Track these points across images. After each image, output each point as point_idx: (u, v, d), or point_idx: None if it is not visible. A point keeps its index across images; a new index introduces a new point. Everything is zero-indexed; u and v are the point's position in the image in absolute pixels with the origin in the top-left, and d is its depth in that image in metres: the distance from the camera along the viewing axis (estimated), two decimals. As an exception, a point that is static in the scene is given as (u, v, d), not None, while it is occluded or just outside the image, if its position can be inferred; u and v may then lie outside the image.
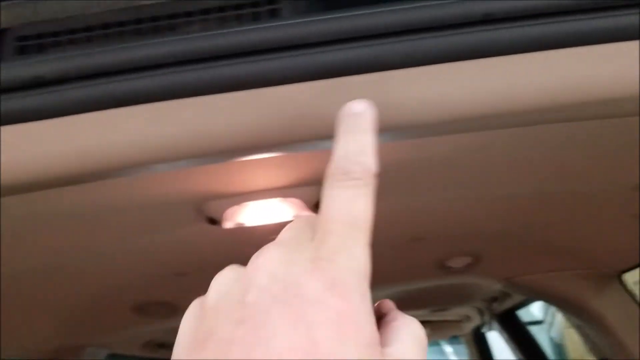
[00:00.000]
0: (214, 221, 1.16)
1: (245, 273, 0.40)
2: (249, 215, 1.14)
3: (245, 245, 1.49)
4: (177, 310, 1.93)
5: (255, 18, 0.53)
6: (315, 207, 1.15)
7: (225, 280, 0.41)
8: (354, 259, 0.36)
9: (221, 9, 0.54)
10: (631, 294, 1.91)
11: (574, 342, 5.08)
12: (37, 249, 1.32)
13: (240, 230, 1.20)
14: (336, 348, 0.32)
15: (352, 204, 0.39)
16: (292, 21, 0.49)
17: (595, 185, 1.27)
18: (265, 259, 0.39)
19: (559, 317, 5.83)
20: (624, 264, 1.81)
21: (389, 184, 1.19)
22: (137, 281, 1.68)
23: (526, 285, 1.94)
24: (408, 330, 0.38)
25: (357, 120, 0.43)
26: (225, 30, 0.50)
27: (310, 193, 1.13)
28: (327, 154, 1.06)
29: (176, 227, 1.25)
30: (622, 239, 1.58)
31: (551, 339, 5.73)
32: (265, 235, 1.43)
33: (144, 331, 2.26)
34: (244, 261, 1.52)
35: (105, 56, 0.47)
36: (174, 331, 1.81)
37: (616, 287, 1.86)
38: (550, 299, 1.99)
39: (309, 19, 0.49)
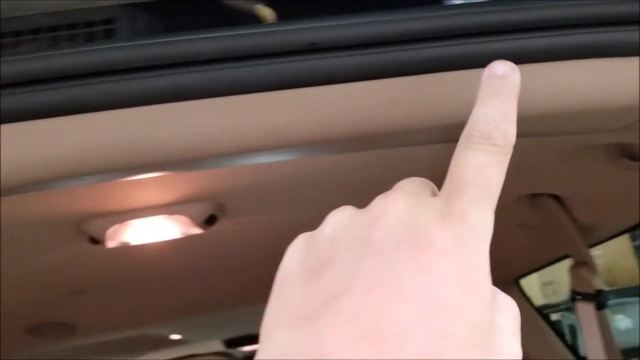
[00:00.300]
0: (96, 240, 1.11)
1: (368, 211, 0.38)
2: (133, 233, 1.10)
3: (134, 264, 1.46)
4: (73, 330, 1.85)
5: (89, 39, 0.51)
6: (204, 223, 1.13)
7: (344, 215, 0.39)
8: (484, 221, 0.36)
9: (52, 29, 0.51)
10: (527, 299, 2.00)
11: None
12: None
13: (127, 248, 1.16)
14: (460, 303, 0.32)
15: (488, 170, 0.38)
16: (124, 44, 0.48)
17: None
18: (393, 201, 0.37)
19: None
20: (517, 270, 1.88)
21: (264, 203, 1.20)
22: (30, 302, 1.60)
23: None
24: (507, 309, 0.37)
25: (503, 84, 0.41)
26: (55, 52, 0.48)
27: (198, 210, 1.10)
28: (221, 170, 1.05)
29: (60, 246, 1.19)
30: (514, 247, 1.64)
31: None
32: (154, 253, 1.40)
33: (39, 352, 2.15)
34: (135, 279, 1.47)
35: None
36: (75, 351, 1.72)
37: (513, 292, 1.93)
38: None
39: (139, 42, 0.47)
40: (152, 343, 2.55)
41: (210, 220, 1.13)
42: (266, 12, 0.49)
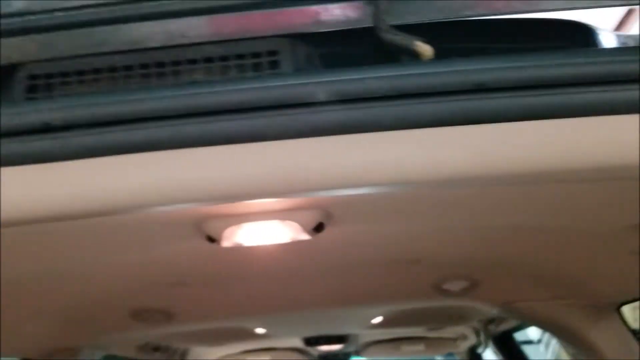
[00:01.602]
0: (213, 239, 1.17)
1: None
2: (247, 235, 1.15)
3: (236, 261, 1.52)
4: (173, 318, 1.95)
5: (256, 69, 0.55)
6: (314, 230, 1.17)
7: None
8: None
9: (223, 58, 0.55)
10: (629, 327, 1.91)
11: (571, 363, 5.03)
12: (42, 254, 1.34)
13: (233, 247, 1.22)
14: None
15: None
16: (293, 81, 0.51)
17: (596, 223, 1.28)
18: None
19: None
20: (622, 296, 1.81)
21: (388, 208, 1.22)
22: (136, 289, 1.70)
23: (523, 311, 1.94)
24: None
25: None
26: (227, 87, 0.52)
27: (308, 217, 1.14)
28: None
29: (175, 241, 1.27)
30: (621, 273, 1.58)
31: None
32: (257, 253, 1.46)
33: (139, 335, 2.28)
34: (235, 275, 1.53)
35: (112, 105, 0.49)
36: (171, 336, 1.82)
37: (614, 319, 1.86)
38: (547, 326, 2.00)
39: (309, 80, 0.50)
40: (238, 335, 2.63)
41: (318, 228, 1.17)
42: (425, 49, 0.51)
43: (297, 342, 3.21)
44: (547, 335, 5.84)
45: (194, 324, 2.13)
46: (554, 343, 5.59)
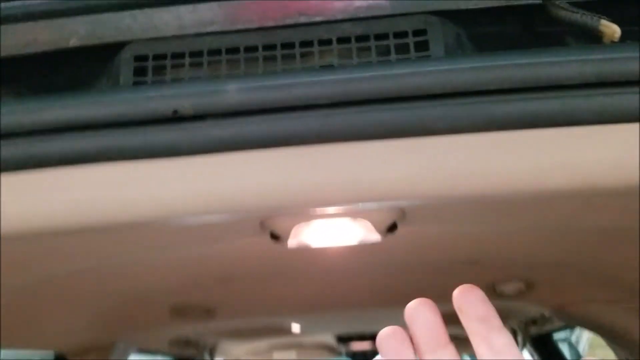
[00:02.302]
0: (277, 237, 1.10)
1: None
2: (315, 234, 1.08)
3: (286, 259, 1.45)
4: (214, 313, 1.89)
5: (400, 51, 0.47)
6: (387, 230, 1.09)
7: None
8: None
9: (362, 39, 0.48)
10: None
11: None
12: (82, 250, 1.29)
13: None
14: None
15: None
16: (447, 66, 0.43)
17: None
18: None
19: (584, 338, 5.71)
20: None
21: (442, 212, 1.14)
22: (180, 284, 1.65)
23: (576, 314, 1.87)
24: None
25: None
26: (370, 73, 0.44)
27: (382, 215, 1.07)
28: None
29: (235, 237, 1.20)
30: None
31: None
32: (316, 252, 1.39)
33: (175, 331, 2.24)
34: (288, 273, 1.46)
35: (244, 92, 0.41)
36: (204, 332, 1.77)
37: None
38: (601, 330, 1.92)
39: (468, 65, 0.43)
40: (272, 331, 2.58)
41: (391, 228, 1.09)
42: (612, 29, 0.43)
43: (328, 339, 3.16)
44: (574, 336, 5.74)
45: (232, 320, 2.08)
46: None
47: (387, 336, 0.46)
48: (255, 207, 0.45)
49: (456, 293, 0.49)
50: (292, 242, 1.09)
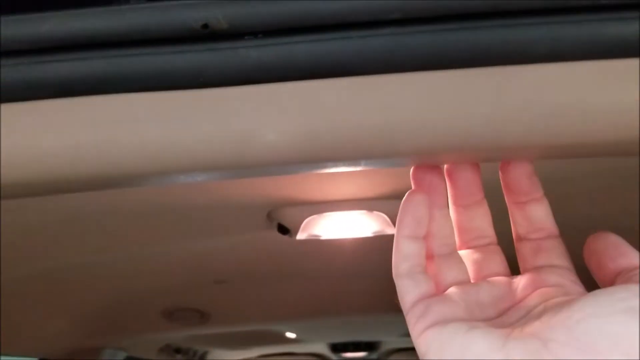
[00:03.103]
0: (286, 230, 1.02)
1: None
2: (327, 227, 1.01)
3: (297, 259, 1.37)
4: (207, 318, 1.80)
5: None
6: (403, 224, 1.02)
7: None
8: None
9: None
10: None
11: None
12: (74, 246, 1.20)
13: (299, 243, 1.07)
14: None
15: None
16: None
17: None
18: None
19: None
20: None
21: None
22: (175, 286, 1.56)
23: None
24: None
25: None
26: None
27: (398, 208, 1.00)
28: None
29: (240, 232, 1.12)
30: None
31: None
32: (321, 252, 1.31)
33: (165, 336, 2.14)
34: (289, 273, 1.37)
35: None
36: (195, 338, 1.66)
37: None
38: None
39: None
40: (265, 338, 2.50)
41: (408, 221, 1.02)
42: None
43: (321, 348, 3.07)
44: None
45: (226, 325, 1.99)
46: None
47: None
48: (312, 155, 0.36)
49: (501, 167, 0.46)
50: (302, 235, 1.01)
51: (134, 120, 0.33)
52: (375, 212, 0.98)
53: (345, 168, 0.41)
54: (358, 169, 0.41)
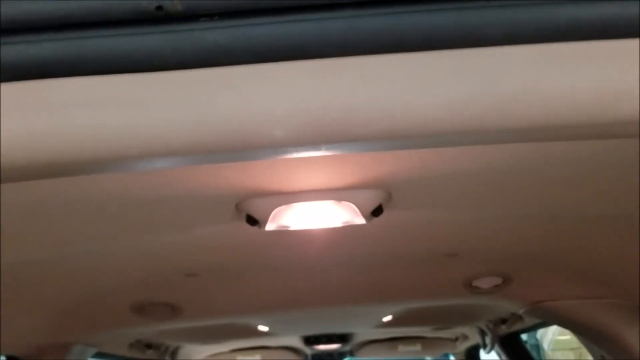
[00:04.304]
0: (254, 221, 1.02)
1: None
2: (296, 217, 1.01)
3: (257, 249, 1.36)
4: (179, 312, 1.79)
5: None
6: (372, 214, 1.02)
7: None
8: None
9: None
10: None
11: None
12: (37, 240, 1.18)
13: (266, 234, 1.06)
14: None
15: None
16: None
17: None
18: None
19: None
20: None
21: (423, 197, 1.09)
22: (144, 279, 1.54)
23: (551, 311, 1.83)
24: None
25: None
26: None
27: (367, 197, 1.00)
28: (392, 155, 0.94)
29: (208, 223, 1.11)
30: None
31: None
32: (289, 242, 1.31)
33: (136, 331, 2.12)
34: (259, 266, 1.37)
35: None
36: (166, 333, 1.64)
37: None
38: (574, 326, 1.89)
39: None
40: (237, 332, 2.49)
41: (376, 212, 1.03)
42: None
43: (294, 341, 3.07)
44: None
45: (198, 319, 1.98)
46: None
47: None
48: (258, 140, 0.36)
49: None
50: (271, 225, 1.01)
51: (88, 105, 0.32)
52: (344, 202, 0.99)
53: (305, 153, 0.41)
54: (319, 153, 0.41)
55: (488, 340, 2.82)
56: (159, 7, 0.31)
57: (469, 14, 0.34)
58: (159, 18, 0.32)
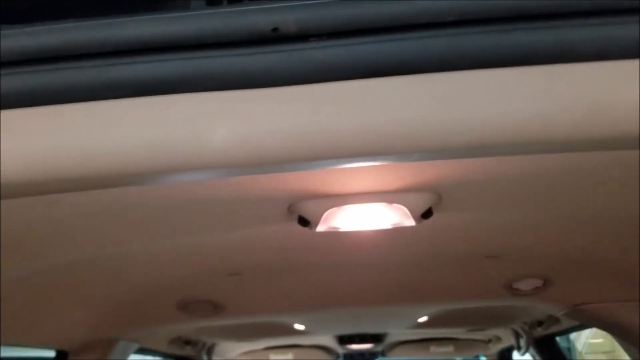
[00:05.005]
0: (306, 222, 1.05)
1: None
2: (347, 219, 1.03)
3: (313, 251, 1.40)
4: (221, 310, 1.83)
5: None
6: (422, 217, 1.04)
7: None
8: None
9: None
10: None
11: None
12: (97, 239, 1.22)
13: (315, 235, 1.09)
14: None
15: None
16: None
17: None
18: None
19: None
20: None
21: (472, 199, 1.10)
22: (189, 278, 1.59)
23: (591, 314, 1.83)
24: None
25: None
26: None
27: (418, 200, 1.02)
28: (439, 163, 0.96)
29: (259, 224, 1.14)
30: None
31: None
32: (339, 244, 1.34)
33: (176, 328, 2.17)
34: (305, 266, 1.39)
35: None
36: (205, 330, 1.68)
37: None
38: (618, 329, 1.88)
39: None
40: (273, 330, 2.52)
41: (426, 214, 1.04)
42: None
43: (327, 340, 3.10)
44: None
45: (238, 317, 2.02)
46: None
47: None
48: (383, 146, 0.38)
49: None
50: (322, 226, 1.04)
51: (206, 118, 0.36)
52: (394, 205, 1.01)
53: (372, 162, 0.43)
54: (385, 162, 0.44)
55: (522, 342, 2.81)
56: (275, 29, 0.34)
57: (555, 32, 0.37)
58: (274, 39, 0.34)
